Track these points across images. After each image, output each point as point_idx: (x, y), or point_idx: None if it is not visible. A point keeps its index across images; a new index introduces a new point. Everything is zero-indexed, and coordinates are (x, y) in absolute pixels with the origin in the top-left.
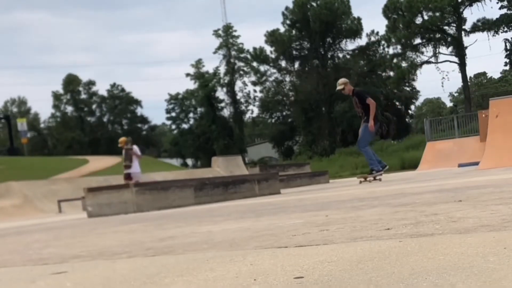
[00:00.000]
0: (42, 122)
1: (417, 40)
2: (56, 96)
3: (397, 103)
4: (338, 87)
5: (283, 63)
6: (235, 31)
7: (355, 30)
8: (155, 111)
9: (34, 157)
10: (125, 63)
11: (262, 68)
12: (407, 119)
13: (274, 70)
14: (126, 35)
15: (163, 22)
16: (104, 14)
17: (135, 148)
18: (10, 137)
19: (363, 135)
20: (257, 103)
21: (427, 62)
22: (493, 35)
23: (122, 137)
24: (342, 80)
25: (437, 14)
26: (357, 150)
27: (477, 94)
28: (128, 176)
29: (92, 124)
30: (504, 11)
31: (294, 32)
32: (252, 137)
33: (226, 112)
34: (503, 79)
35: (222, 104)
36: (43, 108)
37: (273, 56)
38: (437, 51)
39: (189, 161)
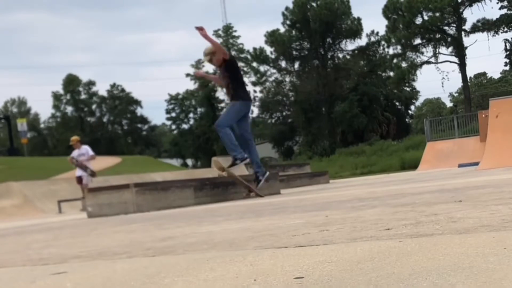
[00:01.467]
0: (42, 122)
1: (417, 40)
2: (56, 96)
3: (397, 103)
4: (204, 58)
5: (283, 63)
6: (235, 31)
7: (355, 30)
8: (155, 111)
9: (34, 157)
10: (125, 63)
11: (262, 68)
12: (407, 119)
13: (274, 70)
14: (126, 35)
15: (163, 22)
16: (103, 14)
17: (88, 148)
18: (10, 137)
19: (227, 114)
20: (257, 103)
21: (427, 62)
22: (493, 35)
23: (75, 135)
24: (207, 49)
25: (437, 14)
26: (356, 150)
27: (477, 94)
28: (80, 179)
29: (92, 124)
30: (504, 11)
31: (294, 32)
32: None
33: None
34: (503, 79)
35: (222, 104)
36: (43, 108)
37: (273, 56)
38: (437, 51)
39: (189, 161)
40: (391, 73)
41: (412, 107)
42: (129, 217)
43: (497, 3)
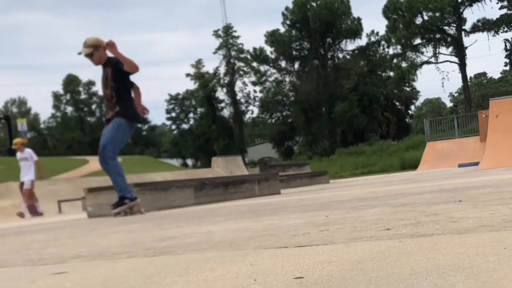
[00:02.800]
0: (42, 122)
1: (417, 40)
2: (56, 96)
3: (397, 103)
4: (83, 49)
5: (283, 63)
6: (235, 31)
7: (355, 30)
8: (155, 111)
9: None
10: None
11: (262, 68)
12: (407, 119)
13: (274, 70)
14: (126, 35)
15: (163, 22)
16: (103, 14)
17: (31, 153)
18: (10, 137)
19: (113, 136)
20: (257, 103)
21: (427, 62)
22: (493, 35)
23: (17, 138)
24: (90, 40)
25: (437, 14)
26: (356, 150)
27: (477, 94)
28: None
29: (92, 124)
30: (504, 11)
31: (294, 32)
32: (252, 137)
33: (226, 112)
34: (503, 79)
35: (222, 104)
36: (43, 108)
37: (273, 56)
38: (437, 51)
39: (189, 161)
40: (391, 73)
41: (412, 107)
42: (129, 217)
43: (497, 3)
